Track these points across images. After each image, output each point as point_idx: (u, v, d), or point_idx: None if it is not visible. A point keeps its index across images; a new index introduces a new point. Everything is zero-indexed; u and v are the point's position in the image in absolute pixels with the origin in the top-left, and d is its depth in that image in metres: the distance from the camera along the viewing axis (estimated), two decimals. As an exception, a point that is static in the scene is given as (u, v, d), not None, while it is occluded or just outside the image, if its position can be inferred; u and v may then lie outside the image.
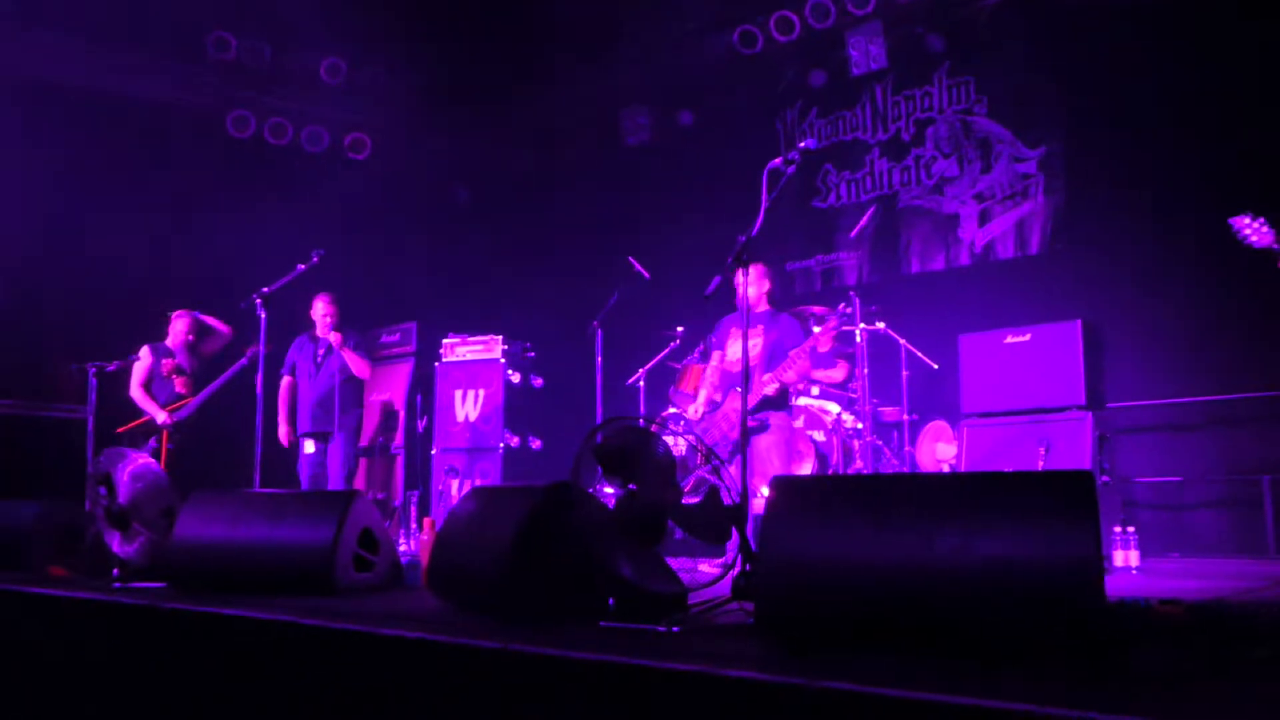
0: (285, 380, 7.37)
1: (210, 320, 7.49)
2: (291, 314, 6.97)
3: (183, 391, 7.22)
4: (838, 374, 7.31)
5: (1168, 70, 7.12)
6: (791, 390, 6.23)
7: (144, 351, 7.29)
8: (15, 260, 8.12)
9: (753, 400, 5.78)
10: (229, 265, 8.03)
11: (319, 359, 7.28)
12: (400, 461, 8.64)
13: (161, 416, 7.05)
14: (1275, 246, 4.99)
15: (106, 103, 8.75)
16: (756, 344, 5.96)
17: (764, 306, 6.14)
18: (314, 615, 3.25)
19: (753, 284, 5.97)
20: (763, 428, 5.84)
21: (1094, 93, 7.54)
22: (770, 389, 5.81)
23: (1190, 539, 6.69)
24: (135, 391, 7.20)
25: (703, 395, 6.28)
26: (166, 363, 7.25)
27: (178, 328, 7.37)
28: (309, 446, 7.17)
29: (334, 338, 7.17)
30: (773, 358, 5.92)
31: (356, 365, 7.24)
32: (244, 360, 7.10)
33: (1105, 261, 7.25)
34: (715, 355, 6.29)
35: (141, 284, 8.25)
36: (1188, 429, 6.81)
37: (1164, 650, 2.71)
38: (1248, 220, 5.06)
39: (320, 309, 7.35)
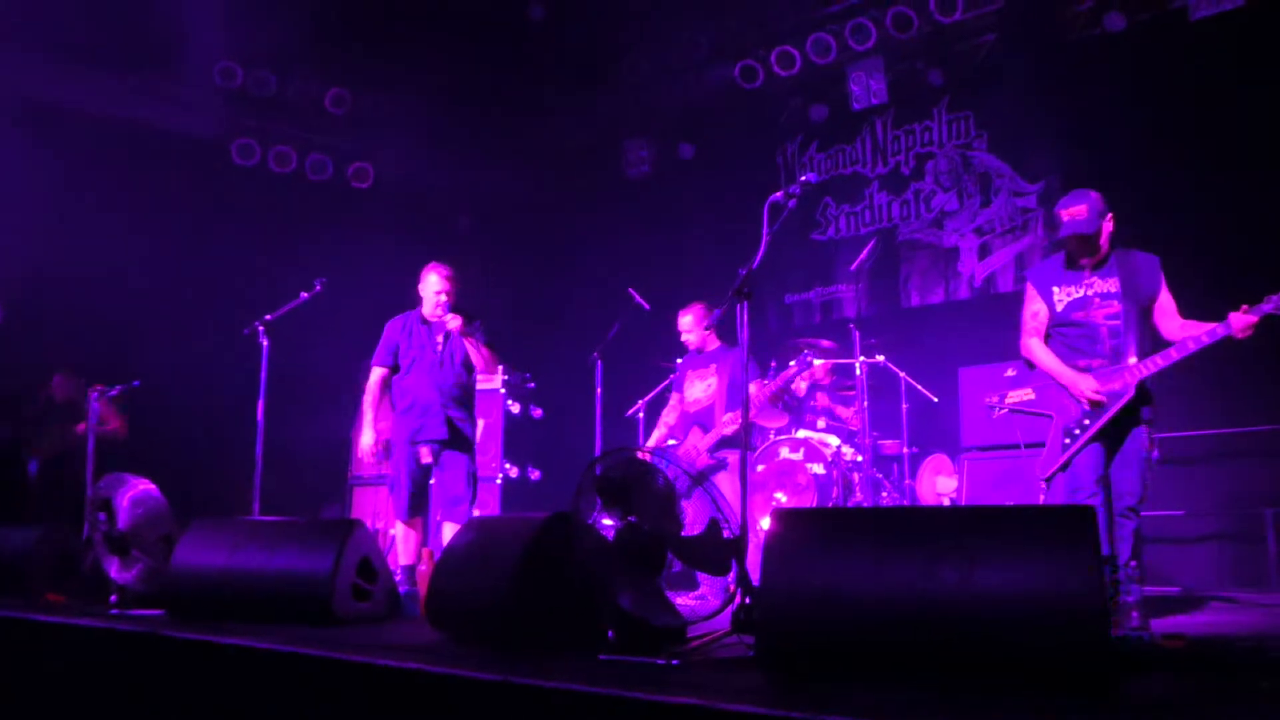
0: (379, 373, 5.73)
1: None
2: (293, 342, 6.96)
3: None
4: (850, 414, 7.31)
5: (1165, 105, 7.20)
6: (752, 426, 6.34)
7: None
8: (17, 283, 8.13)
9: (713, 439, 6.01)
10: (231, 292, 8.05)
11: (440, 345, 5.67)
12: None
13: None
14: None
15: (110, 128, 8.80)
16: (713, 383, 6.12)
17: (714, 344, 6.31)
18: (312, 645, 3.24)
19: (693, 329, 6.21)
20: (721, 466, 6.01)
21: (1093, 127, 7.60)
22: (729, 429, 5.95)
23: (1192, 573, 6.66)
24: None
25: (656, 436, 6.46)
26: None
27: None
28: (426, 455, 5.52)
29: (452, 322, 5.58)
30: (733, 394, 6.04)
31: (480, 358, 5.67)
32: None
33: (1105, 296, 7.26)
34: (673, 398, 6.49)
35: (143, 309, 8.26)
36: (1189, 462, 6.80)
37: (1167, 683, 2.71)
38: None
39: (433, 283, 5.69)
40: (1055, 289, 4.38)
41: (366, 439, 5.68)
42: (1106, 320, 4.24)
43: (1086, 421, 4.17)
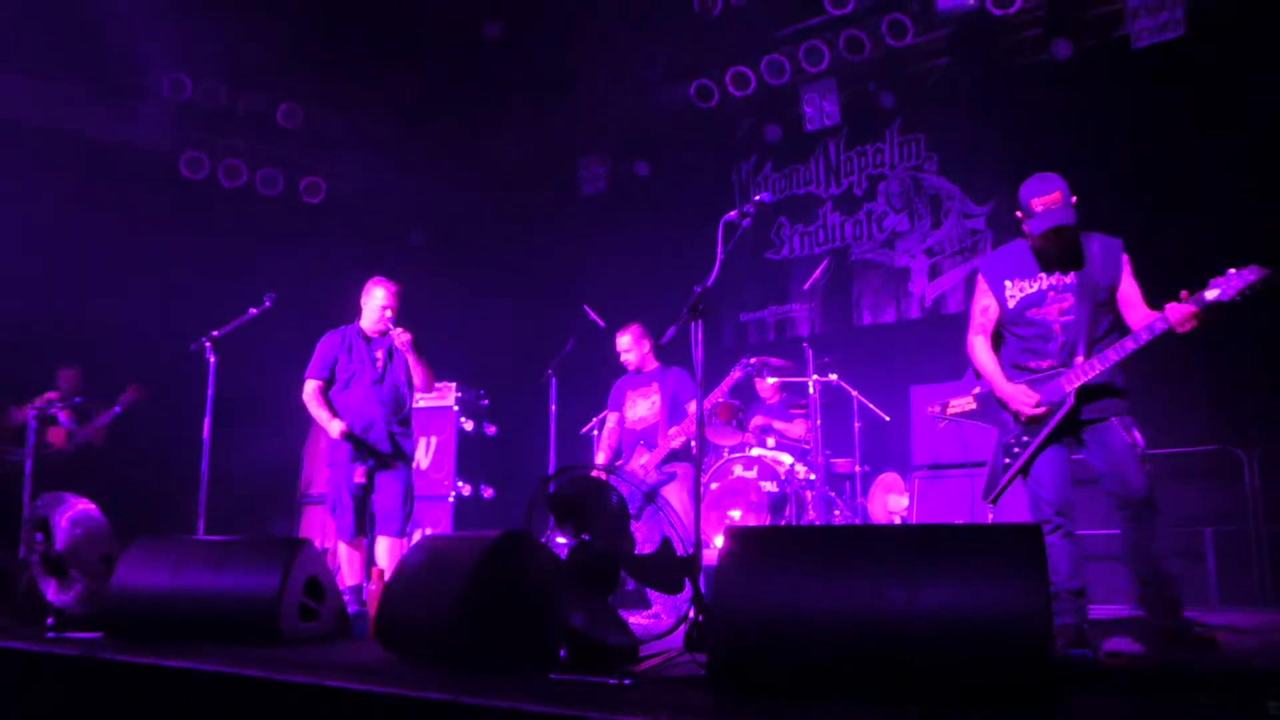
0: (314, 384, 5.65)
1: None
2: (241, 358, 6.86)
3: None
4: (796, 428, 7.37)
5: (1110, 129, 7.36)
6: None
7: None
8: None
9: (660, 455, 6.04)
10: (178, 307, 7.91)
11: (381, 361, 5.67)
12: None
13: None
14: None
15: (58, 141, 8.63)
16: (655, 400, 6.15)
17: (653, 364, 6.39)
18: (258, 666, 3.18)
19: (632, 348, 6.25)
20: (670, 478, 6.05)
21: (1040, 151, 7.72)
22: (676, 443, 6.01)
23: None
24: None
25: (600, 459, 6.47)
26: None
27: None
28: (359, 474, 5.50)
29: (401, 336, 5.55)
30: (674, 410, 6.13)
31: (422, 375, 5.69)
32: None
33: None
34: (611, 418, 6.50)
35: (89, 325, 8.09)
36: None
37: (1111, 700, 2.74)
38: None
39: (379, 297, 5.69)
40: (1008, 283, 4.00)
41: (336, 427, 5.48)
42: (1061, 316, 3.88)
43: (1026, 438, 3.88)
